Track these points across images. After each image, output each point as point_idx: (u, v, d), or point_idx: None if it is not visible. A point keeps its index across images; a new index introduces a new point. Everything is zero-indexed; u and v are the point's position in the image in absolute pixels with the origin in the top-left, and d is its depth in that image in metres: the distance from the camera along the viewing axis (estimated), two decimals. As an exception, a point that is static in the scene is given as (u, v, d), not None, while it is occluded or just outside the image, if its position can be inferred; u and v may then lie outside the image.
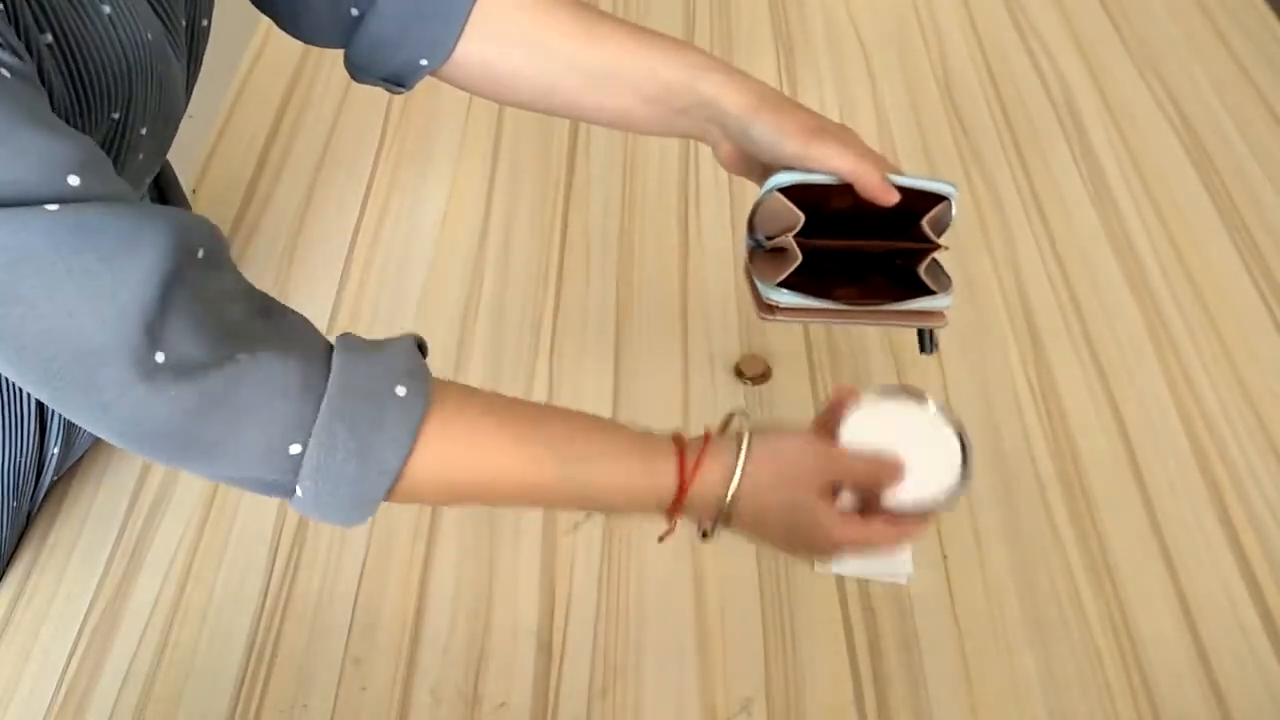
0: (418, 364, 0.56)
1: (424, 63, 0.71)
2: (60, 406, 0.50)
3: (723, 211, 1.03)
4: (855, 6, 1.27)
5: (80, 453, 0.83)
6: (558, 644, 0.74)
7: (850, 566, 0.77)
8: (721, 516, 0.59)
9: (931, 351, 0.69)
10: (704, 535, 0.61)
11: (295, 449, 0.51)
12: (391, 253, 1.00)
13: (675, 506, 0.59)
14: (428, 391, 0.54)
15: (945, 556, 0.78)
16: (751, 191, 0.72)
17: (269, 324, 0.53)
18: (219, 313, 0.51)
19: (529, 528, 0.80)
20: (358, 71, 0.74)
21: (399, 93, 0.75)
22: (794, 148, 0.64)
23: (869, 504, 0.61)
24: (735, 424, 0.62)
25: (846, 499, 0.61)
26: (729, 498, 0.58)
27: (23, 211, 0.45)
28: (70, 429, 0.77)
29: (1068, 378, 0.89)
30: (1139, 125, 1.11)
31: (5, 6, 0.49)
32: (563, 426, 0.60)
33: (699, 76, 0.68)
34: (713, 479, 0.59)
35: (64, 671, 0.74)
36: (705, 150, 1.08)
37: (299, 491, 0.53)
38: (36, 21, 0.52)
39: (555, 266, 0.98)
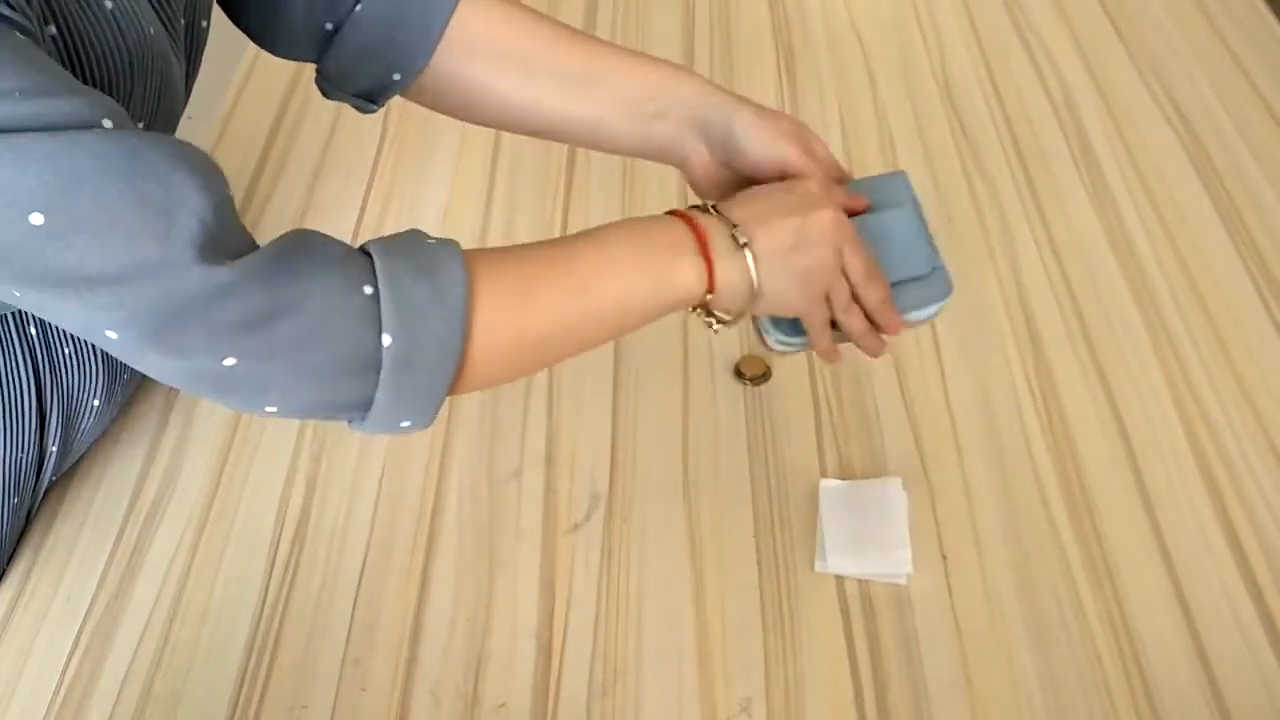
0: (428, 235, 0.59)
1: (396, 77, 0.71)
2: (137, 328, 0.50)
3: (723, 212, 1.03)
4: (855, 8, 1.27)
5: (79, 453, 0.83)
6: (557, 644, 0.74)
7: (848, 566, 0.77)
8: (743, 251, 0.60)
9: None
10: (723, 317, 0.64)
11: (368, 289, 0.53)
12: (391, 253, 1.00)
13: (691, 225, 0.61)
14: (453, 241, 0.57)
15: (945, 557, 0.78)
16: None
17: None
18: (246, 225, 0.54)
19: (529, 527, 0.80)
20: (329, 86, 0.73)
21: (369, 111, 0.74)
22: (777, 148, 0.67)
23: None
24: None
25: None
26: (735, 223, 0.61)
27: (72, 135, 0.46)
28: (68, 429, 0.77)
29: (1067, 378, 0.89)
30: (1138, 126, 1.11)
31: None
32: (580, 238, 0.62)
33: (679, 79, 0.70)
34: (702, 213, 0.62)
35: (64, 671, 0.74)
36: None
37: (385, 340, 0.53)
38: (42, 13, 0.52)
39: (555, 267, 0.98)
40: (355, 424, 0.57)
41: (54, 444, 0.77)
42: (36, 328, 0.73)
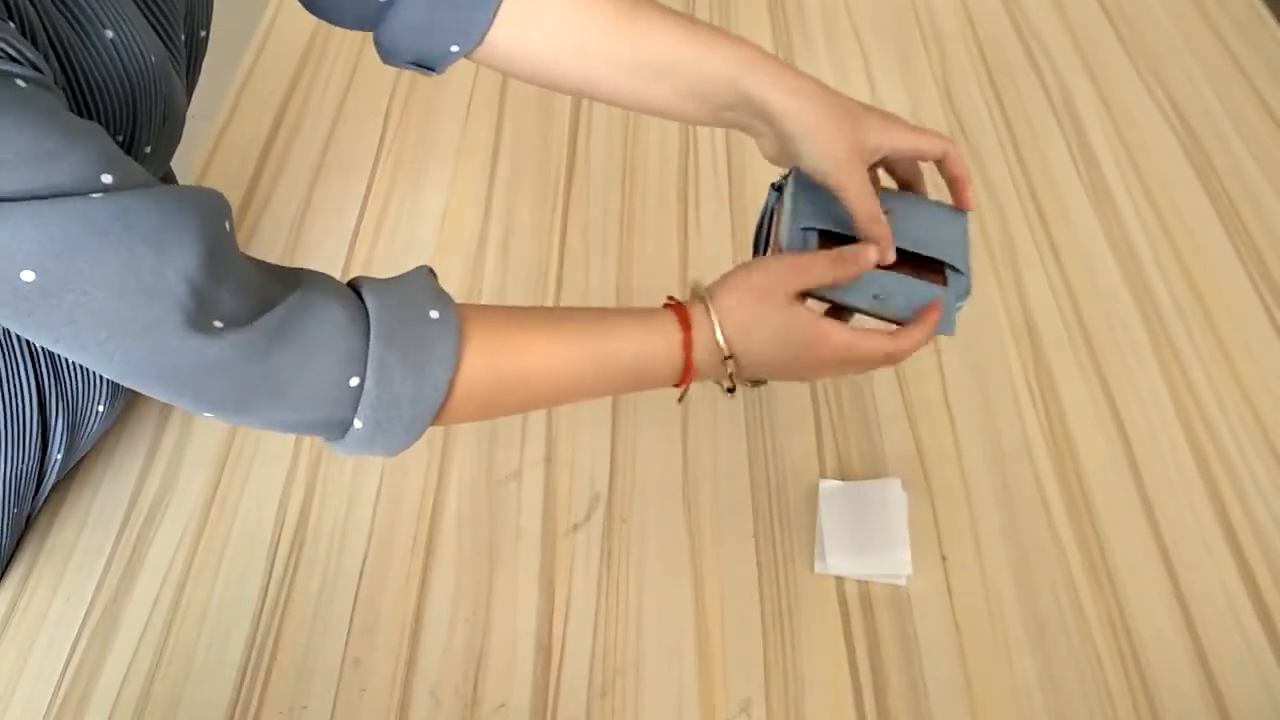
0: (438, 289, 0.60)
1: (454, 49, 0.70)
2: (132, 378, 0.52)
3: (722, 213, 1.03)
4: (855, 7, 1.27)
5: (81, 455, 0.83)
6: (557, 645, 0.74)
7: (848, 567, 0.77)
8: (724, 354, 0.63)
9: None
10: (729, 390, 0.65)
11: (354, 381, 0.55)
12: (391, 253, 1.00)
13: (687, 353, 0.63)
14: (456, 311, 0.59)
15: (945, 558, 0.78)
16: (752, 190, 0.72)
17: (296, 275, 0.57)
18: (253, 273, 0.54)
19: (529, 528, 0.80)
20: (385, 54, 0.73)
21: (429, 75, 0.74)
22: (838, 179, 0.66)
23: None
24: (693, 289, 0.66)
25: (814, 307, 0.65)
26: (717, 333, 0.62)
27: (66, 203, 0.46)
28: (73, 435, 0.77)
29: (1067, 378, 0.89)
30: (1138, 126, 1.11)
31: (17, 27, 0.49)
32: (581, 315, 0.64)
33: (744, 75, 0.67)
34: (703, 322, 0.63)
35: (63, 673, 0.74)
36: (705, 148, 1.09)
37: (357, 424, 0.56)
38: (42, 48, 0.52)
39: (555, 266, 0.99)
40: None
41: (59, 452, 0.77)
42: None
